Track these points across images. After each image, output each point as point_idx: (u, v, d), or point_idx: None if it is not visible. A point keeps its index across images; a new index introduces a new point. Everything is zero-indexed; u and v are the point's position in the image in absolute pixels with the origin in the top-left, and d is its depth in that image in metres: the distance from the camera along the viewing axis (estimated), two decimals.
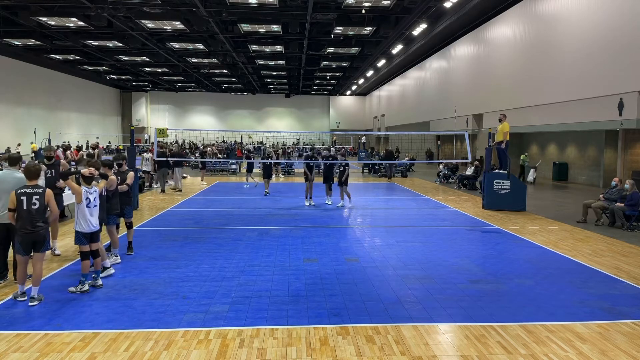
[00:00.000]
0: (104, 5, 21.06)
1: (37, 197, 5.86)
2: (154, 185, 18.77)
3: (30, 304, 5.76)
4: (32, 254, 5.94)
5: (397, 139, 39.41)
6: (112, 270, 7.04)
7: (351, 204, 14.24)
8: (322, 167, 15.55)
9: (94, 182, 6.65)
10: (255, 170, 21.52)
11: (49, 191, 6.05)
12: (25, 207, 5.78)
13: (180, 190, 17.67)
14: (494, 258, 8.33)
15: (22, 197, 5.80)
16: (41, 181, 6.43)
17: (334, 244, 9.29)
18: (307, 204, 14.35)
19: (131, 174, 8.17)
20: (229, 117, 61.54)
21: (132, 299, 6.05)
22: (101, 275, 6.72)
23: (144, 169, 18.33)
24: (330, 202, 14.60)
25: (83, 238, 6.34)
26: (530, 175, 21.67)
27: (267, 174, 16.93)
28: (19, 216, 5.80)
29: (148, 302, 5.91)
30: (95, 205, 6.50)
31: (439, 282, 6.88)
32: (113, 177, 7.44)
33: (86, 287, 6.25)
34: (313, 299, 6.10)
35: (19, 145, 32.33)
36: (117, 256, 7.71)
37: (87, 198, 6.38)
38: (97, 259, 6.58)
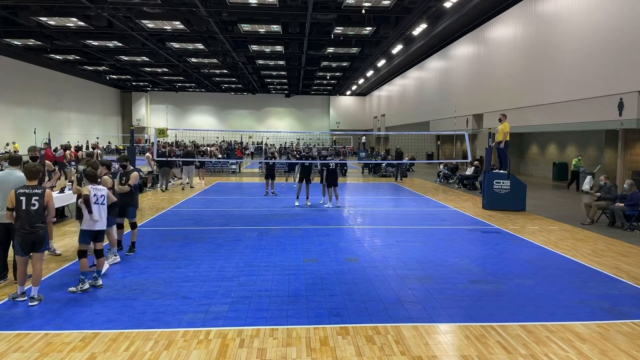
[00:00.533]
0: (104, 5, 21.06)
1: (37, 197, 5.84)
2: (157, 186, 19.13)
3: (30, 304, 5.77)
4: (31, 254, 5.94)
5: (397, 139, 39.39)
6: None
7: (329, 205, 14.22)
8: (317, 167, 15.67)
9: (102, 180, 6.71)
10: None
11: (48, 192, 6.06)
12: (24, 207, 5.77)
13: (193, 187, 18.74)
14: (494, 258, 8.33)
15: (21, 197, 5.79)
16: None
17: (334, 244, 9.29)
18: (297, 204, 14.33)
19: (135, 174, 8.17)
20: (229, 117, 61.52)
21: (132, 299, 6.05)
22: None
23: (148, 169, 18.59)
24: (329, 205, 14.61)
25: (88, 237, 6.35)
26: (587, 184, 17.88)
27: (270, 174, 16.87)
28: (18, 216, 5.79)
29: (148, 302, 5.91)
30: (103, 203, 6.49)
31: (439, 282, 6.88)
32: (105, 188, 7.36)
33: (87, 285, 6.25)
34: (313, 299, 6.10)
35: (7, 145, 32.28)
36: (116, 255, 7.71)
37: (95, 195, 6.39)
38: (100, 258, 6.57)
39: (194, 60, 36.73)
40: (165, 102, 58.57)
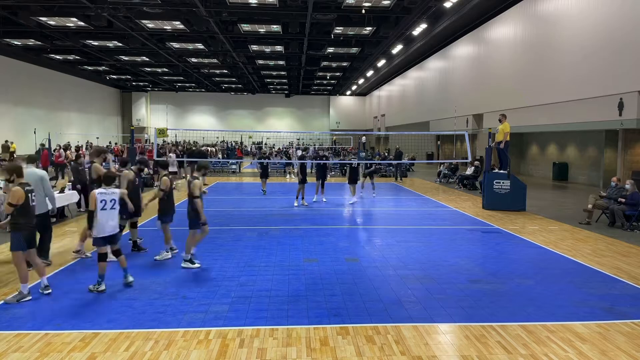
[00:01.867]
0: (104, 5, 21.06)
1: (34, 194, 6.21)
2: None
3: (46, 292, 6.11)
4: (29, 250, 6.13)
5: (397, 138, 39.38)
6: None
7: (326, 200, 15.02)
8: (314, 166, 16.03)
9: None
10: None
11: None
12: (30, 203, 6.09)
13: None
14: (494, 258, 8.33)
15: (27, 194, 6.05)
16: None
17: (334, 244, 9.29)
18: (296, 204, 14.34)
19: (165, 179, 8.20)
20: (229, 117, 61.49)
21: (132, 299, 6.04)
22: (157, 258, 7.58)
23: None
24: (325, 200, 14.94)
25: (101, 241, 6.35)
26: None
27: (264, 173, 17.31)
28: (26, 212, 5.97)
29: (148, 302, 5.91)
30: (114, 207, 6.44)
31: (439, 282, 6.87)
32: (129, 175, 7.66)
33: (103, 287, 6.29)
34: (313, 299, 6.10)
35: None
36: (167, 252, 8.09)
37: (103, 200, 6.30)
38: (120, 256, 6.58)
39: (194, 60, 36.72)
40: (165, 102, 58.55)
